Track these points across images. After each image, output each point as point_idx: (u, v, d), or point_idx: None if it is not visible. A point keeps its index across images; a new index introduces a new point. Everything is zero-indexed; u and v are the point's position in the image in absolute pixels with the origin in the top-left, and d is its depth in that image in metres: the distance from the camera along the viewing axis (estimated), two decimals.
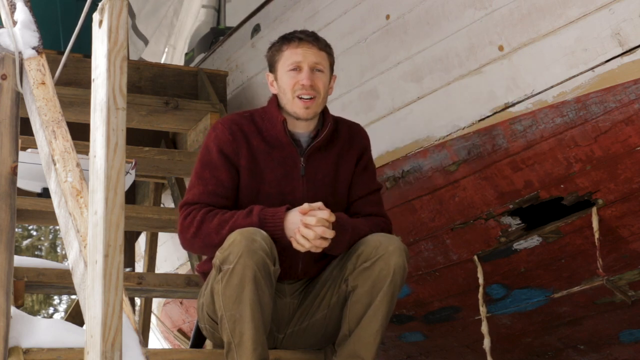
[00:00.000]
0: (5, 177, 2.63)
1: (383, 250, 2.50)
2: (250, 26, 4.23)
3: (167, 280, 3.25)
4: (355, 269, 2.53)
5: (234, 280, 2.39)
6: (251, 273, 2.37)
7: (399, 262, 2.49)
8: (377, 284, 2.49)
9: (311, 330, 2.67)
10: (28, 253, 12.77)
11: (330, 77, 2.72)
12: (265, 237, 2.43)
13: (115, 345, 1.86)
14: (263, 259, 2.39)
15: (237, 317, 2.39)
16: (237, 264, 2.38)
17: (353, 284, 2.53)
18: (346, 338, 2.54)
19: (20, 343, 2.41)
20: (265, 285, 2.41)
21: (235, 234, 2.42)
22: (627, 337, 3.44)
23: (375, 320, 2.51)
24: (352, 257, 2.55)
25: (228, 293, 2.40)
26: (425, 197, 3.34)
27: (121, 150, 1.91)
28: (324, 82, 2.65)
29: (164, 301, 5.78)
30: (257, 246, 2.39)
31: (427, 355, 4.09)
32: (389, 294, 2.50)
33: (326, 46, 2.71)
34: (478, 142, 3.10)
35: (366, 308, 2.51)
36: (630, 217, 2.92)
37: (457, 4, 3.09)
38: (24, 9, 2.89)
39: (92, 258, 1.92)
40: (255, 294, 2.38)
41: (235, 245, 2.39)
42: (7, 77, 2.70)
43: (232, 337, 2.40)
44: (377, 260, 2.49)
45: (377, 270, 2.49)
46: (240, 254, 2.37)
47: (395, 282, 2.50)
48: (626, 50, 2.66)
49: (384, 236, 2.56)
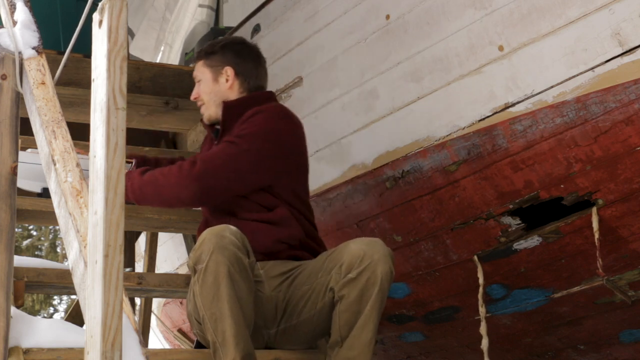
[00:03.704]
0: (5, 177, 2.63)
1: (368, 259, 2.49)
2: (250, 26, 4.23)
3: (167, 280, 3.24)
4: (340, 280, 2.53)
5: (209, 279, 2.41)
6: (224, 269, 2.40)
7: (385, 269, 2.49)
8: (365, 293, 2.50)
9: (302, 329, 2.67)
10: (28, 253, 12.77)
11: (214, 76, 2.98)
12: (234, 231, 2.47)
13: (115, 345, 1.86)
14: (234, 253, 2.42)
15: (217, 315, 2.40)
16: (209, 261, 2.40)
17: (340, 293, 2.53)
18: (338, 344, 2.54)
19: (20, 343, 2.40)
20: (241, 279, 2.43)
21: (205, 233, 2.47)
22: (627, 337, 3.44)
23: (367, 329, 2.51)
24: (336, 266, 2.55)
25: (205, 292, 2.42)
26: (425, 197, 3.34)
27: (121, 150, 1.91)
28: (202, 88, 3.00)
29: (164, 301, 5.78)
30: (227, 241, 2.42)
31: (427, 355, 4.09)
32: (378, 301, 2.51)
33: (201, 54, 3.04)
34: (478, 142, 3.10)
35: (356, 316, 2.51)
36: (630, 217, 2.92)
37: (457, 4, 3.09)
38: (24, 9, 2.89)
39: (92, 258, 1.92)
40: (232, 289, 2.40)
41: (205, 244, 2.43)
42: (7, 77, 2.70)
43: (216, 336, 2.41)
44: (363, 270, 2.49)
45: (363, 280, 2.49)
46: (211, 252, 2.41)
47: (384, 289, 2.51)
48: (626, 50, 2.66)
49: (367, 244, 2.54)
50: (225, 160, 2.74)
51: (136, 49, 6.66)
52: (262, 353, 2.64)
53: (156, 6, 6.88)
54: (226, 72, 2.96)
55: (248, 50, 3.04)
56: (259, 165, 2.74)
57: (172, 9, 6.92)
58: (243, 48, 3.04)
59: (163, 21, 6.88)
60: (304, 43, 3.73)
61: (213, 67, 2.98)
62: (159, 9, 6.86)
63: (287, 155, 2.81)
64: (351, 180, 3.55)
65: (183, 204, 2.79)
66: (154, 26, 6.86)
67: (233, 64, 2.97)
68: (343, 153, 3.58)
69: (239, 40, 3.11)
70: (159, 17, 6.87)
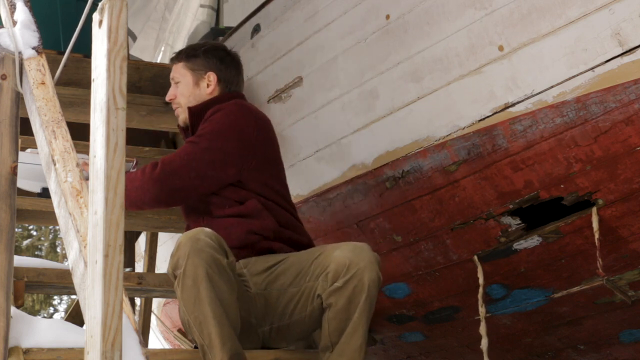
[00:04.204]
0: (5, 177, 2.63)
1: (354, 268, 2.49)
2: (250, 26, 4.23)
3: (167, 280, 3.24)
4: (327, 288, 2.53)
5: (188, 282, 2.41)
6: (202, 271, 2.40)
7: (372, 276, 2.49)
8: (353, 300, 2.50)
9: (295, 329, 2.68)
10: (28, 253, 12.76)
11: (195, 80, 3.00)
12: (209, 233, 2.47)
13: (115, 345, 1.86)
14: (211, 255, 2.42)
15: (200, 318, 2.40)
16: (186, 265, 2.41)
17: (327, 301, 2.53)
18: (329, 349, 2.55)
19: (20, 343, 2.40)
20: (221, 280, 2.43)
21: (181, 238, 2.48)
22: (627, 337, 3.44)
23: (356, 335, 2.51)
24: (322, 274, 2.55)
25: (186, 296, 2.42)
26: (425, 197, 3.34)
27: (121, 150, 1.91)
28: (181, 91, 3.01)
29: (164, 301, 5.78)
30: (203, 244, 2.42)
31: (427, 355, 4.09)
32: (366, 308, 2.51)
33: (181, 55, 3.05)
34: (478, 142, 3.10)
35: (345, 323, 2.51)
36: (630, 217, 2.92)
37: (457, 4, 3.09)
38: (24, 9, 2.90)
39: (92, 258, 1.92)
40: (212, 291, 2.40)
41: (181, 248, 2.44)
42: (7, 77, 2.71)
43: (202, 339, 2.42)
44: (350, 279, 2.49)
45: (350, 288, 2.49)
46: (187, 256, 2.41)
47: (371, 296, 2.51)
48: (626, 50, 2.66)
49: (352, 251, 2.54)
50: (185, 160, 2.75)
51: (136, 48, 6.65)
52: (262, 353, 2.65)
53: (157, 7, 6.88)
54: (209, 77, 2.99)
55: (230, 57, 3.09)
56: (220, 163, 2.76)
57: (171, 8, 6.91)
58: (226, 55, 3.07)
59: (163, 21, 6.88)
60: (304, 43, 3.73)
61: (195, 70, 3.00)
62: (159, 9, 6.86)
63: (251, 149, 2.81)
64: (351, 180, 3.55)
65: (149, 206, 2.81)
66: (153, 26, 6.86)
67: (216, 69, 3.00)
68: (343, 153, 3.58)
69: (222, 47, 3.15)
70: (158, 17, 6.86)
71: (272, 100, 3.99)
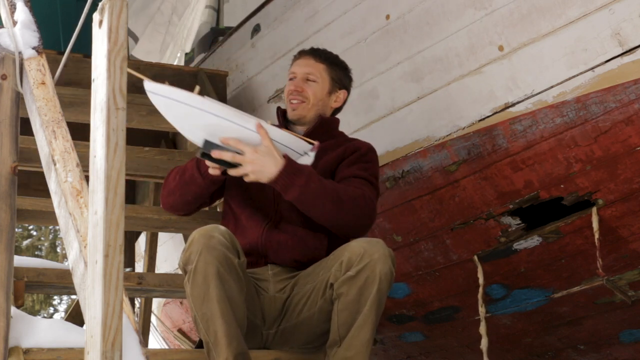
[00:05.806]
0: (5, 177, 2.63)
1: (368, 258, 2.48)
2: (250, 26, 4.23)
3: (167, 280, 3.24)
4: (339, 277, 2.53)
5: (199, 279, 2.40)
6: (213, 269, 2.39)
7: (384, 269, 2.49)
8: (364, 292, 2.49)
9: (300, 329, 2.67)
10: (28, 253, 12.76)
11: (331, 89, 2.92)
12: (224, 231, 2.47)
13: (115, 345, 1.86)
14: (223, 253, 2.41)
15: (208, 315, 2.40)
16: (198, 262, 2.40)
17: (339, 291, 2.53)
18: (337, 343, 2.54)
19: (20, 343, 2.40)
20: (231, 279, 2.42)
21: (194, 234, 2.46)
22: (627, 337, 3.44)
23: (365, 329, 2.50)
24: (336, 263, 2.55)
25: (195, 293, 2.41)
26: (425, 197, 3.34)
27: (121, 150, 1.91)
28: (314, 90, 2.89)
29: (164, 301, 5.78)
30: (216, 242, 2.42)
31: (427, 355, 4.09)
32: (377, 302, 2.50)
33: (326, 59, 2.94)
34: (478, 142, 3.11)
35: (354, 315, 2.50)
36: (630, 217, 2.92)
37: (457, 4, 3.09)
38: (24, 9, 2.90)
39: (92, 258, 1.92)
40: (221, 290, 2.40)
41: (194, 244, 2.42)
42: (7, 77, 2.71)
43: (208, 336, 2.41)
44: (363, 268, 2.48)
45: (362, 278, 2.48)
46: (200, 252, 2.40)
47: (382, 290, 2.50)
48: (626, 50, 2.66)
49: (368, 242, 2.54)
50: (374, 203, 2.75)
51: (141, 51, 6.65)
52: (262, 353, 2.64)
53: (162, 10, 6.88)
54: (342, 94, 2.96)
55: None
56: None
57: (180, 13, 6.91)
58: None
59: (170, 25, 6.88)
60: (304, 43, 3.73)
61: (334, 80, 2.94)
62: (166, 13, 6.86)
63: None
64: None
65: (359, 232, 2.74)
66: (159, 30, 6.86)
67: (348, 91, 2.99)
68: None
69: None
70: (165, 20, 6.87)
71: (272, 100, 3.99)
